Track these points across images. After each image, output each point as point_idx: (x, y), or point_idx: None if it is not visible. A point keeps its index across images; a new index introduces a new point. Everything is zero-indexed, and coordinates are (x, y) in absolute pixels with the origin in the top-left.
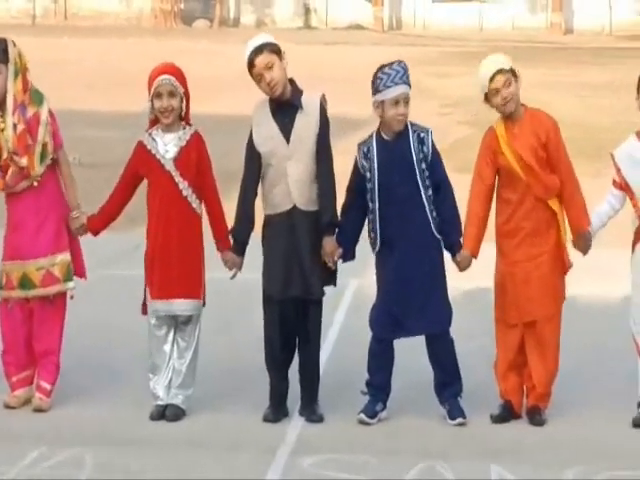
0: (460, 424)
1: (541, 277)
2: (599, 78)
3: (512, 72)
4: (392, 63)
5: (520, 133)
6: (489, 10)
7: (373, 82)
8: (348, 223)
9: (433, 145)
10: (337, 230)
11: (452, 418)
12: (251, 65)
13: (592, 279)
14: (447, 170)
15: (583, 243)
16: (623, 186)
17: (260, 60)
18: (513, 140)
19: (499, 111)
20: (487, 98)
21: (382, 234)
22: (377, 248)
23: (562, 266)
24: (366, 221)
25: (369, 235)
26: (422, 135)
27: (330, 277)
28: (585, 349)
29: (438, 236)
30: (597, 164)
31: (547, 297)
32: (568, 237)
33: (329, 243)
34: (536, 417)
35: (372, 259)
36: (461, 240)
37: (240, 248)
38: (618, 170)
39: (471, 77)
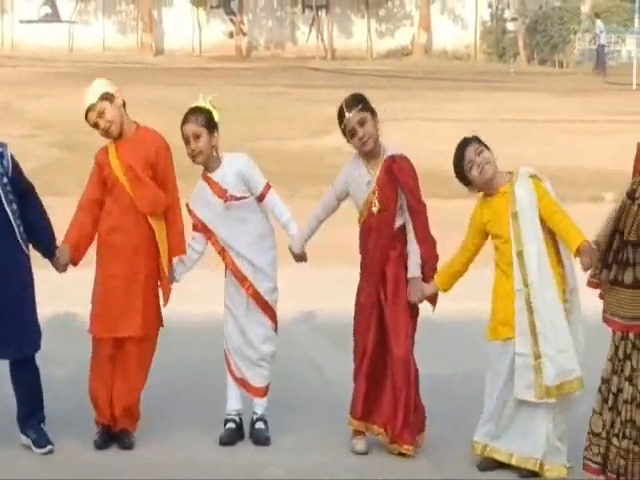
0: (49, 451)
1: (135, 296)
2: (189, 99)
3: (108, 96)
4: None
5: (130, 148)
6: (79, 30)
7: None
8: None
9: (13, 159)
10: None
11: (40, 446)
12: None
13: (191, 298)
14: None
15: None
16: (200, 227)
17: None
18: (122, 153)
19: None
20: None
21: None
22: None
23: (157, 292)
24: None
25: None
26: (0, 150)
27: None
28: (183, 367)
29: (27, 253)
30: None
31: (139, 317)
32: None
33: None
34: (125, 440)
35: None
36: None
37: None
38: (193, 214)
39: (62, 98)
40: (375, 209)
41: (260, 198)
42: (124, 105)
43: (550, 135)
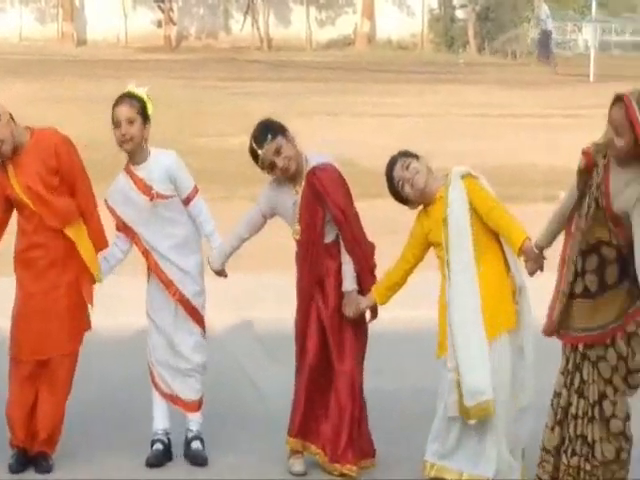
0: None
1: (58, 312)
2: (115, 92)
3: None
4: None
5: (26, 161)
6: None
7: None
8: None
9: None
10: None
11: None
12: None
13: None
14: None
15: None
16: (121, 227)
17: None
18: (20, 172)
19: None
20: None
21: None
22: None
23: (82, 299)
24: None
25: None
26: None
27: None
28: (107, 382)
29: None
30: None
31: (64, 334)
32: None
33: None
34: (42, 464)
35: None
36: None
37: None
38: (112, 210)
39: None
40: (296, 236)
41: (186, 201)
42: (11, 117)
43: (502, 130)
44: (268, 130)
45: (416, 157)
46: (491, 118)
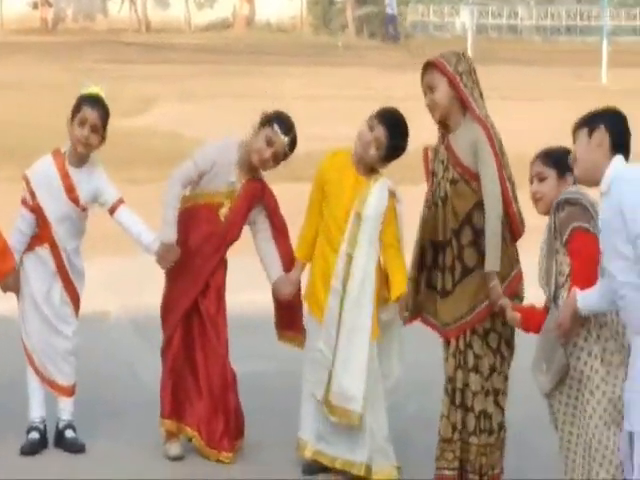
0: None
1: None
2: None
3: None
4: None
5: None
6: None
7: None
8: None
9: None
10: None
11: None
12: None
13: None
14: None
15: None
16: (32, 207)
17: None
18: None
19: None
20: None
21: None
22: None
23: None
24: None
25: None
26: None
27: None
28: None
29: None
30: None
31: None
32: None
33: None
34: None
35: None
36: None
37: None
38: (32, 193)
39: None
40: (223, 218)
41: (111, 210)
42: None
43: None
44: (295, 136)
45: (399, 149)
46: (376, 101)
